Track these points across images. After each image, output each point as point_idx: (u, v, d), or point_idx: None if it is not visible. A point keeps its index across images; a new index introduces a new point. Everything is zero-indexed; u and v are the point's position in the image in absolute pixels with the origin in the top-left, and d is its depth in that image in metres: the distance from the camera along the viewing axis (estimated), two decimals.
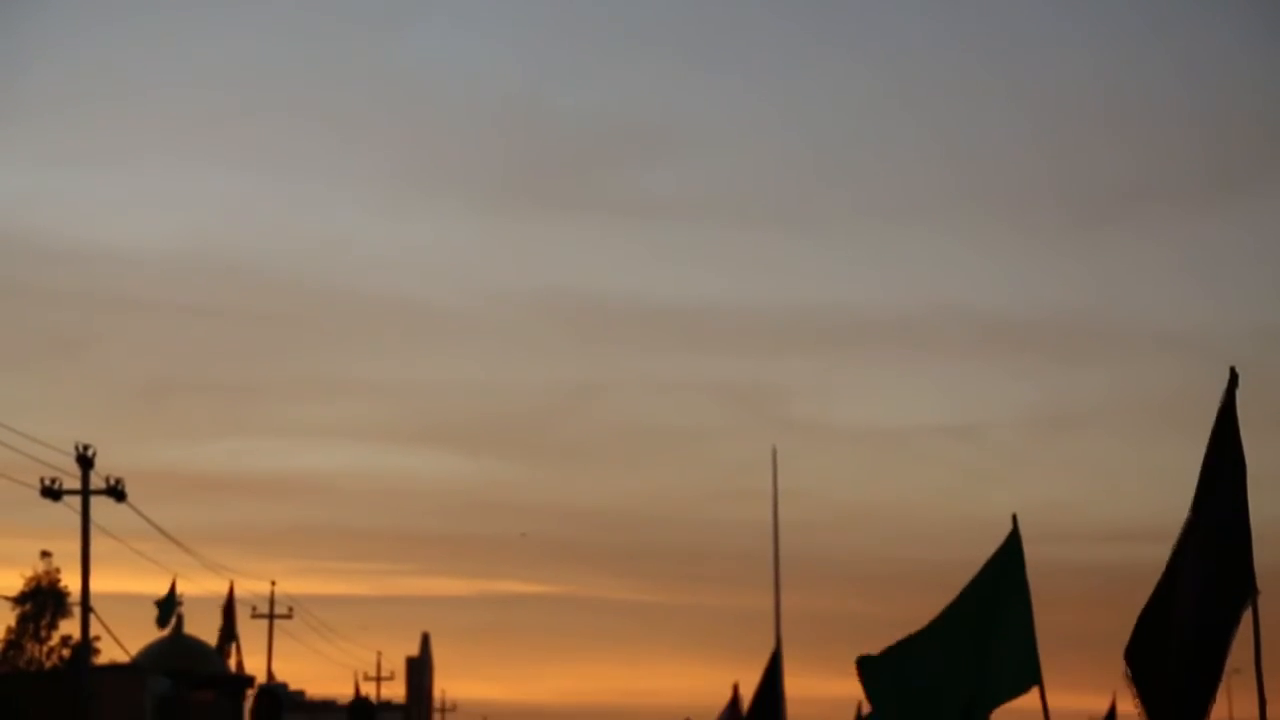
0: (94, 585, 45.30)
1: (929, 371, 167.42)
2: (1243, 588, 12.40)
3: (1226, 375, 12.82)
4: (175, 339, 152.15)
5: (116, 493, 45.11)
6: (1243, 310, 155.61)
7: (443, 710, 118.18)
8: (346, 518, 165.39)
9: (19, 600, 54.12)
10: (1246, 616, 12.49)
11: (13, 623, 55.34)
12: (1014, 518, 19.31)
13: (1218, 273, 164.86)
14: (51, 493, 44.21)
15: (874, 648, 20.00)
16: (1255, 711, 12.46)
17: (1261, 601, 12.38)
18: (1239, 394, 12.69)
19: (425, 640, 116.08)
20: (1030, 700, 19.09)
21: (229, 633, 56.69)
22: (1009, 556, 19.31)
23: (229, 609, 56.40)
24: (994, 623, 19.35)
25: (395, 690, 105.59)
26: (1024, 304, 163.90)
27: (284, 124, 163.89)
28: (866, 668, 20.91)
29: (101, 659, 56.08)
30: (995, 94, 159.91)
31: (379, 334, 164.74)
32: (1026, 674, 18.74)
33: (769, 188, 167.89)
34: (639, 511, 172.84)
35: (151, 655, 72.82)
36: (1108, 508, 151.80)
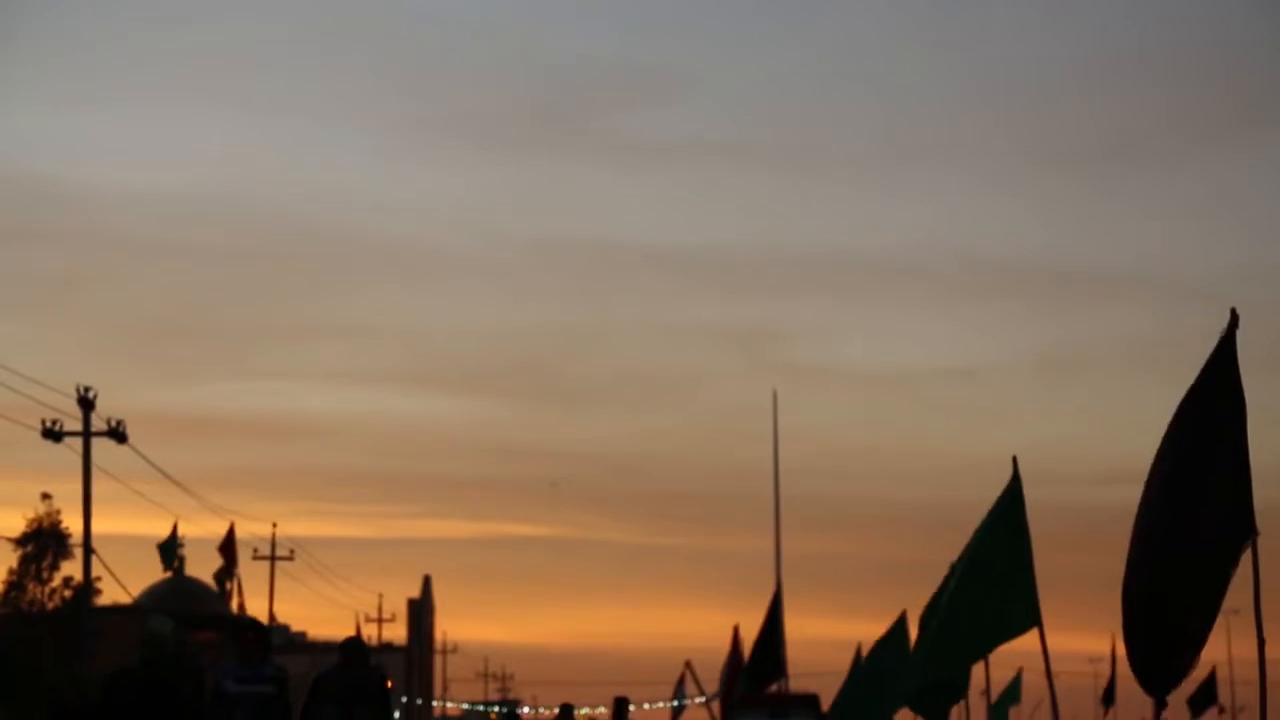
0: (95, 527, 45.45)
1: (930, 314, 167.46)
2: (1242, 528, 12.41)
3: (1228, 317, 12.81)
4: (176, 282, 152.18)
5: (117, 434, 45.15)
6: (1246, 253, 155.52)
7: (444, 651, 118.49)
8: (348, 460, 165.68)
9: (20, 541, 54.14)
10: (1245, 557, 12.50)
11: (14, 564, 55.39)
12: (1014, 460, 19.35)
13: (1221, 215, 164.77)
14: (52, 434, 44.26)
15: (873, 590, 20.21)
16: (1254, 652, 12.48)
17: (1260, 542, 12.38)
18: (1239, 335, 12.68)
19: (426, 582, 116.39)
20: (1030, 641, 19.18)
21: (227, 573, 56.60)
22: (1009, 499, 19.34)
23: (227, 550, 56.30)
24: (995, 565, 19.40)
25: (397, 632, 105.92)
26: (1025, 247, 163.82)
27: (285, 69, 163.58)
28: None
29: (103, 600, 56.17)
30: (998, 35, 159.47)
31: (380, 277, 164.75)
32: (1026, 615, 18.79)
33: (771, 131, 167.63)
34: (640, 454, 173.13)
35: (153, 596, 73.00)
36: (1108, 450, 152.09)
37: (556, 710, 29.91)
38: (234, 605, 69.73)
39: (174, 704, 15.89)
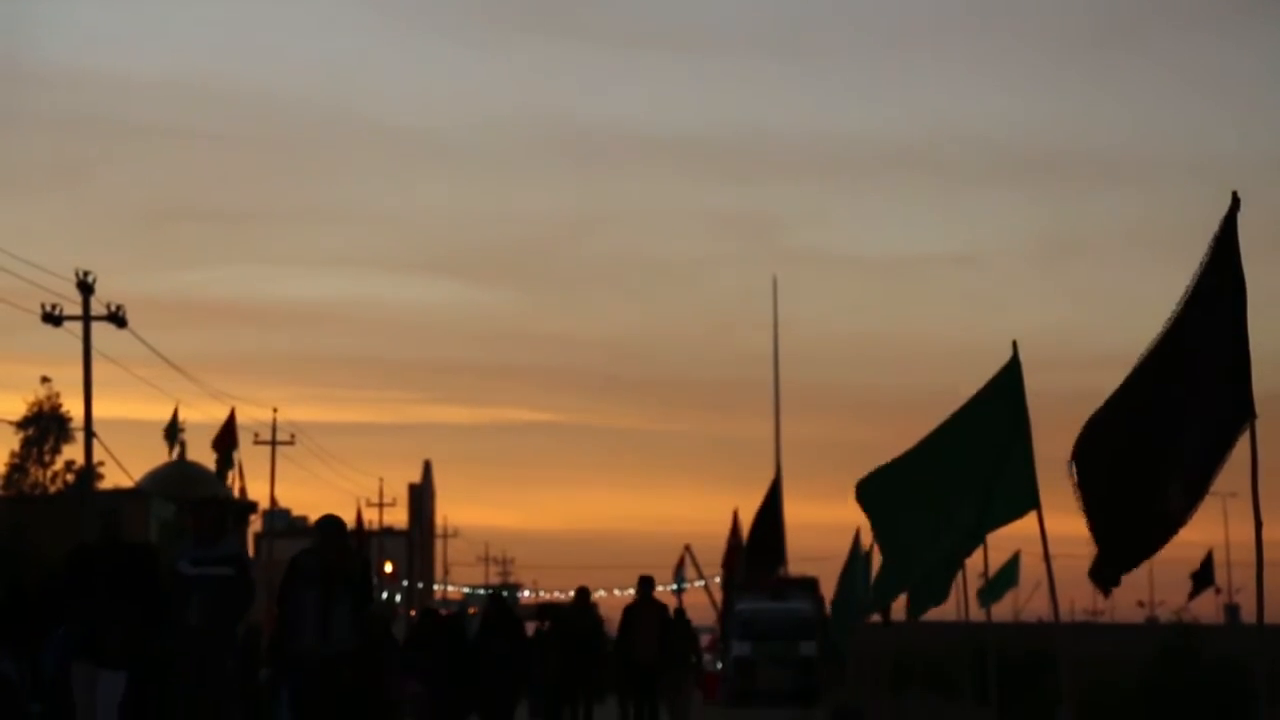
0: (96, 411, 45.55)
1: (930, 199, 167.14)
2: (1240, 411, 12.42)
3: (1229, 200, 12.78)
4: (176, 165, 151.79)
5: (117, 319, 45.14)
6: (1249, 137, 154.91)
7: (444, 536, 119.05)
8: (348, 345, 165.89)
9: (21, 425, 54.28)
10: (1243, 440, 12.52)
11: (16, 447, 55.56)
12: (1014, 344, 19.34)
13: (1223, 99, 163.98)
14: (52, 319, 44.26)
15: None
16: (1252, 535, 12.53)
17: (1258, 426, 12.40)
18: (1240, 218, 12.65)
19: (427, 467, 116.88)
20: (1028, 524, 19.24)
21: (226, 458, 56.65)
22: (1008, 383, 19.36)
23: (225, 434, 56.30)
24: (993, 448, 19.45)
25: (398, 516, 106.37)
26: (1027, 130, 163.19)
27: None
28: (865, 492, 21.03)
29: (105, 484, 56.37)
30: None
31: (381, 162, 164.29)
32: (1025, 499, 18.85)
33: (771, 14, 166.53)
34: (640, 340, 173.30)
35: (154, 480, 73.22)
36: (1108, 334, 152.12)
37: (572, 594, 28.41)
38: (235, 490, 69.98)
39: (141, 580, 15.28)
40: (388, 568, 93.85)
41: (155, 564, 15.59)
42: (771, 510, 62.76)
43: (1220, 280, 12.66)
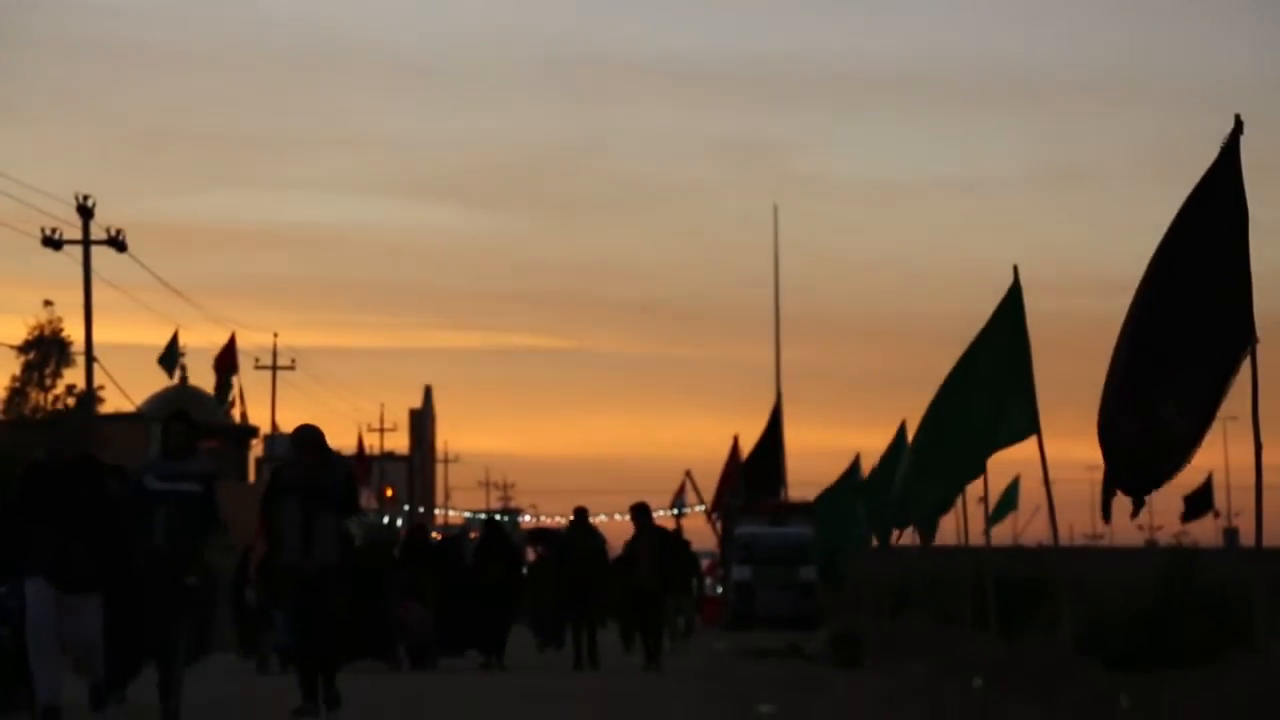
0: (97, 336, 45.57)
1: (931, 123, 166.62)
2: (1242, 334, 12.42)
3: (1231, 123, 12.75)
4: (176, 89, 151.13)
5: (117, 243, 45.12)
6: (1253, 60, 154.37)
7: (445, 461, 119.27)
8: (349, 270, 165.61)
9: (22, 349, 54.28)
10: (1244, 364, 12.53)
11: (17, 371, 55.57)
12: (1015, 269, 19.37)
13: (1229, 21, 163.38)
14: (52, 242, 44.23)
15: (873, 400, 20.39)
16: (1251, 458, 12.55)
17: (1259, 350, 12.41)
18: (1243, 141, 12.62)
19: (428, 392, 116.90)
20: (1028, 448, 19.30)
21: (225, 382, 56.57)
22: (1010, 307, 19.38)
23: (226, 358, 56.23)
24: (995, 374, 19.48)
25: (399, 441, 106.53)
26: (1028, 54, 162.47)
27: None
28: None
29: (106, 408, 56.41)
30: None
31: (382, 85, 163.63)
32: (1026, 423, 18.88)
33: None
34: (641, 265, 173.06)
35: (155, 405, 73.22)
36: (1109, 258, 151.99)
37: (571, 516, 27.32)
38: (236, 415, 70.07)
39: (97, 497, 14.18)
40: (389, 493, 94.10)
41: (115, 480, 14.51)
42: (772, 436, 62.84)
43: (1222, 203, 12.64)
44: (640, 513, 25.61)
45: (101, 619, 14.26)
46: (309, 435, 15.89)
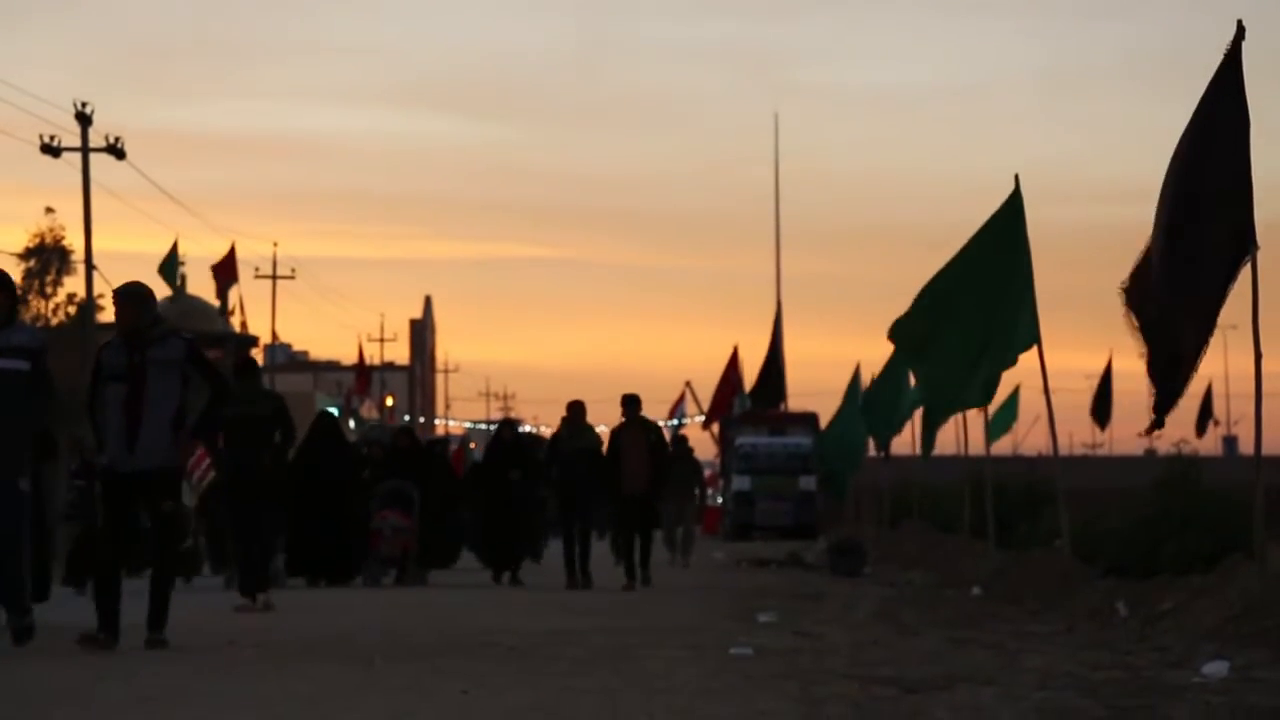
0: (97, 244, 45.51)
1: (932, 32, 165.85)
2: (1242, 242, 12.38)
3: (1234, 29, 12.66)
4: None
5: (116, 151, 45.00)
6: None
7: (446, 371, 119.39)
8: (349, 180, 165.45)
9: (23, 256, 54.16)
10: (1244, 272, 12.49)
11: (18, 279, 55.44)
12: (1016, 178, 19.28)
13: None
14: (51, 150, 44.10)
15: (873, 310, 20.34)
16: (1251, 366, 12.53)
17: (1259, 257, 12.37)
18: (1245, 48, 12.54)
19: (428, 302, 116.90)
20: (1028, 359, 19.27)
21: (223, 292, 56.36)
22: (1010, 216, 19.29)
23: (225, 267, 56.04)
24: (996, 285, 19.41)
25: (399, 352, 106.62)
26: None
27: None
28: (894, 333, 21.06)
29: (105, 317, 56.21)
30: None
31: None
32: (1027, 334, 18.84)
33: None
34: (641, 175, 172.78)
35: None
36: (1109, 167, 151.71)
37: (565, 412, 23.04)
38: (236, 324, 69.98)
39: None
40: (389, 401, 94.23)
41: None
42: (772, 346, 62.82)
43: (1224, 109, 12.57)
44: (629, 403, 22.38)
45: None
46: (131, 293, 12.18)
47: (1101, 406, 51.62)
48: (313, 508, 21.80)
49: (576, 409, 22.63)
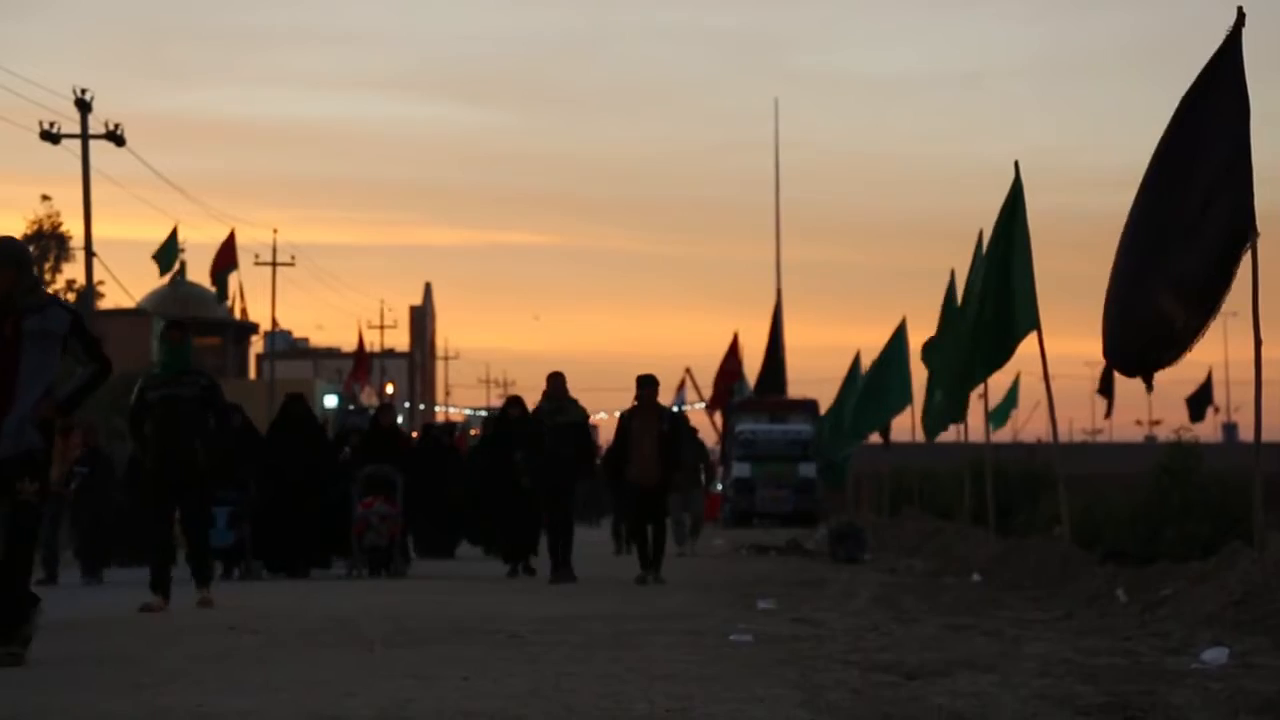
0: (96, 231, 45.44)
1: (932, 18, 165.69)
2: (1242, 229, 12.38)
3: (1234, 16, 12.66)
4: None
5: (116, 138, 44.96)
6: None
7: (445, 358, 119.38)
8: (349, 167, 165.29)
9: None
10: (1244, 258, 12.49)
11: None
12: (1016, 164, 19.29)
13: None
14: (50, 136, 44.08)
15: (873, 298, 20.43)
16: (1251, 353, 12.53)
17: (1259, 244, 12.37)
18: (1245, 35, 12.54)
19: (428, 289, 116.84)
20: (1028, 345, 19.33)
21: (222, 280, 56.23)
22: (1011, 203, 19.34)
23: (225, 254, 55.92)
24: (1000, 273, 19.47)
25: (399, 338, 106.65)
26: None
27: None
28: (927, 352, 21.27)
29: (105, 304, 56.35)
30: None
31: None
32: (1026, 320, 18.87)
33: None
34: (640, 162, 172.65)
35: (154, 301, 73.33)
36: (1110, 154, 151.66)
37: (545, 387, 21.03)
38: (236, 311, 70.00)
39: None
40: (389, 389, 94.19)
41: None
42: (773, 334, 62.92)
43: (1224, 95, 12.57)
44: (645, 384, 20.33)
45: None
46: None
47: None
48: (279, 498, 21.34)
49: (557, 380, 20.84)
